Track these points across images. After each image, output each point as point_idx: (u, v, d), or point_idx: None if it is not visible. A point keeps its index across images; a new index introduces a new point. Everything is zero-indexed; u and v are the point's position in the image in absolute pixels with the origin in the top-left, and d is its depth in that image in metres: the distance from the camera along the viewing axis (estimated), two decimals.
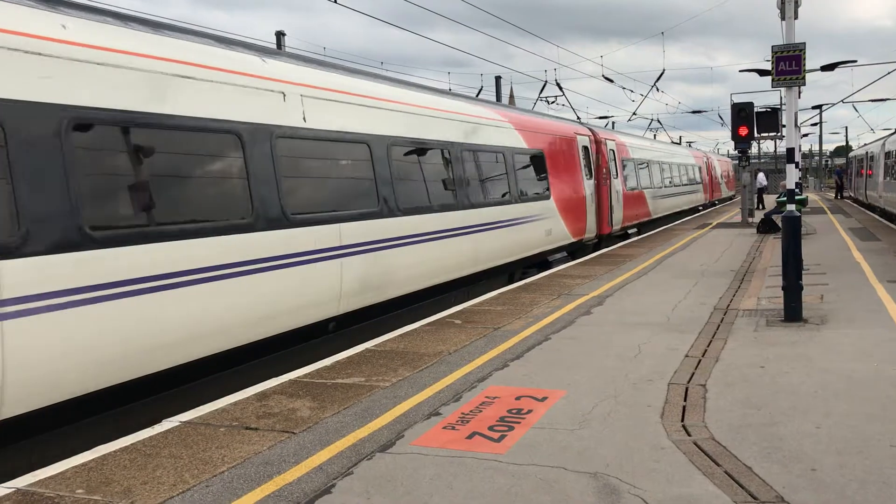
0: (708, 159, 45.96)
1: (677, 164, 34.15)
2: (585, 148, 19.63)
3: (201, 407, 6.53)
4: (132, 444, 5.59)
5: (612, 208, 21.52)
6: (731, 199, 56.34)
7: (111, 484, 4.86)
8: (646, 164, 26.96)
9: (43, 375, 5.70)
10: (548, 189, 16.45)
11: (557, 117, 21.06)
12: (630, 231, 24.70)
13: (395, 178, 10.53)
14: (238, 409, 6.40)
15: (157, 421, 6.21)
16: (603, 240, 21.14)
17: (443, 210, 11.78)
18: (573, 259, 17.75)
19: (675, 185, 32.81)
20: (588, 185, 19.27)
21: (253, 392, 6.94)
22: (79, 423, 6.36)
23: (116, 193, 6.44)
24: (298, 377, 7.44)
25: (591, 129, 21.32)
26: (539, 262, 16.33)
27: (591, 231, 19.53)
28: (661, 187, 29.32)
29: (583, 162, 19.19)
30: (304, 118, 8.76)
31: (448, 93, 14.68)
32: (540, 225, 15.72)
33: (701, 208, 41.03)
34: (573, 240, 18.18)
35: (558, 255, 17.49)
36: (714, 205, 46.68)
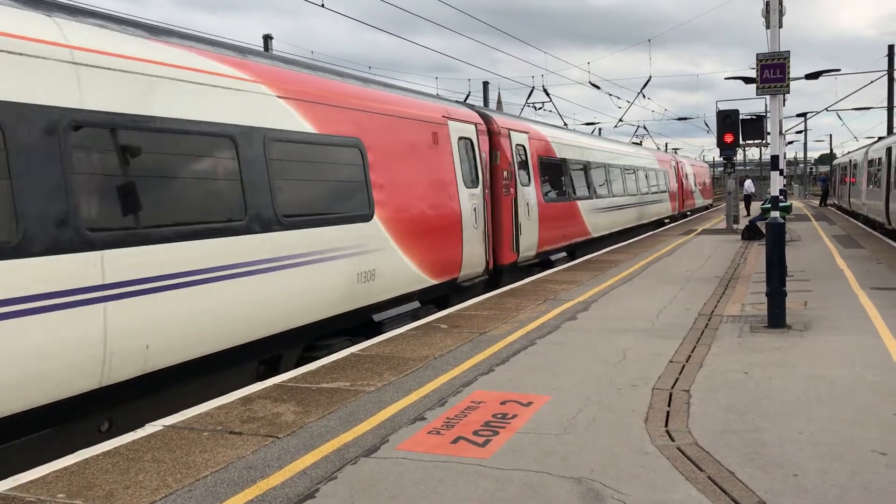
0: (677, 163, 39.98)
1: (632, 169, 28.07)
2: (467, 141, 13.50)
3: (185, 411, 6.49)
4: (115, 449, 5.56)
5: (520, 228, 15.41)
6: (707, 209, 50.82)
7: (93, 488, 4.83)
8: (582, 168, 21.16)
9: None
10: (369, 204, 10.04)
11: (414, 91, 13.11)
12: (555, 258, 18.27)
13: None
14: (222, 414, 6.37)
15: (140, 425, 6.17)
16: (504, 272, 15.15)
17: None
18: (440, 310, 11.74)
19: (627, 195, 26.51)
20: (469, 197, 13.09)
21: (237, 396, 6.92)
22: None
23: None
24: (283, 381, 7.42)
25: (481, 114, 15.08)
26: (362, 323, 10.13)
27: (474, 264, 13.30)
28: (605, 197, 23.16)
29: (460, 162, 12.98)
30: None
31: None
32: (345, 265, 9.43)
33: (667, 221, 35.20)
34: (434, 281, 11.78)
35: (407, 308, 11.09)
36: (686, 216, 40.83)
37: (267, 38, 24.68)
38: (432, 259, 11.64)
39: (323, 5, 15.34)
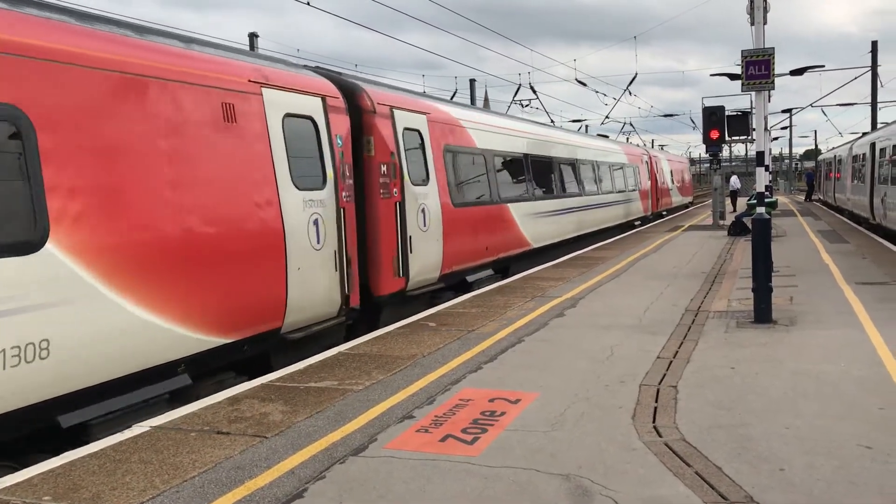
0: (651, 158, 35.68)
1: (591, 163, 23.90)
2: (304, 121, 9.34)
3: (172, 412, 6.46)
4: (101, 450, 5.52)
5: (411, 243, 11.44)
6: (687, 207, 47.10)
7: (79, 490, 4.80)
8: (516, 162, 17.17)
9: None
10: (34, 222, 5.78)
11: (212, 45, 8.66)
12: (474, 278, 14.04)
13: None
14: (209, 414, 6.34)
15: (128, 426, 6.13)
16: (386, 306, 11.13)
17: None
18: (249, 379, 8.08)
19: (585, 194, 22.42)
20: (303, 204, 8.98)
21: (224, 396, 6.89)
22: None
23: None
24: (271, 381, 7.40)
25: (340, 83, 10.79)
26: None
27: (315, 303, 9.14)
28: (551, 198, 19.09)
29: (287, 151, 8.87)
30: None
31: None
32: None
33: (639, 223, 30.97)
34: (221, 339, 7.64)
35: (151, 394, 6.89)
36: (661, 216, 36.82)
37: (252, 37, 24.59)
38: (213, 304, 7.47)
39: (309, 3, 15.29)
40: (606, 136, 35.75)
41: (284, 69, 9.46)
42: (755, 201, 9.98)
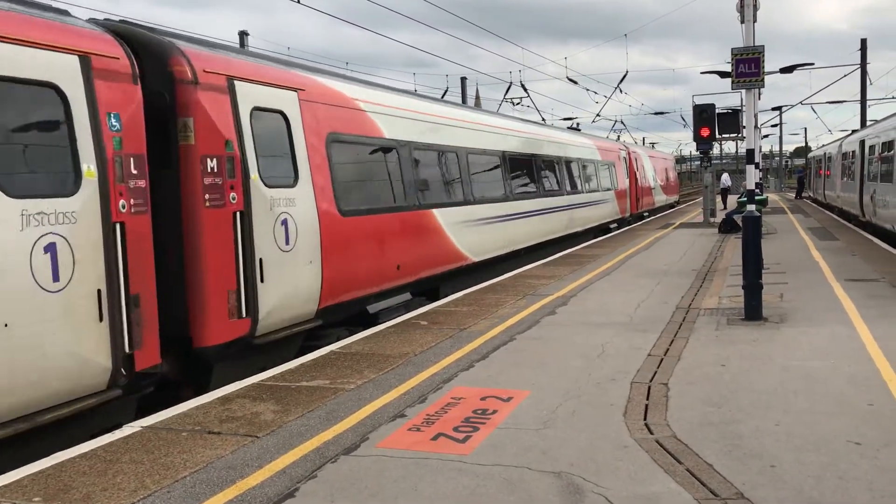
0: (630, 154, 32.66)
1: (552, 160, 20.59)
2: (53, 91, 6.25)
3: (163, 412, 6.45)
4: (92, 451, 5.50)
5: (263, 268, 8.39)
6: (672, 207, 44.45)
7: (70, 491, 4.78)
8: (442, 157, 13.68)
9: None
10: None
11: None
12: (383, 307, 11.06)
13: None
14: (200, 414, 6.32)
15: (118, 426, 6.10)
16: (217, 361, 7.97)
17: None
18: None
19: (543, 195, 19.26)
20: (22, 221, 5.76)
21: (216, 396, 6.87)
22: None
23: None
24: (262, 381, 7.38)
25: (127, 36, 7.50)
26: None
27: (44, 377, 5.86)
28: (496, 200, 15.87)
29: None
30: None
31: None
32: None
33: (614, 226, 27.93)
34: None
35: None
36: (642, 217, 33.88)
37: (243, 35, 24.54)
38: None
39: (299, 1, 15.26)
40: (578, 130, 32.83)
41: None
42: (745, 199, 10.01)
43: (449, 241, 13.32)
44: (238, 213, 8.08)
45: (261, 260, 8.34)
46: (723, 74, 27.24)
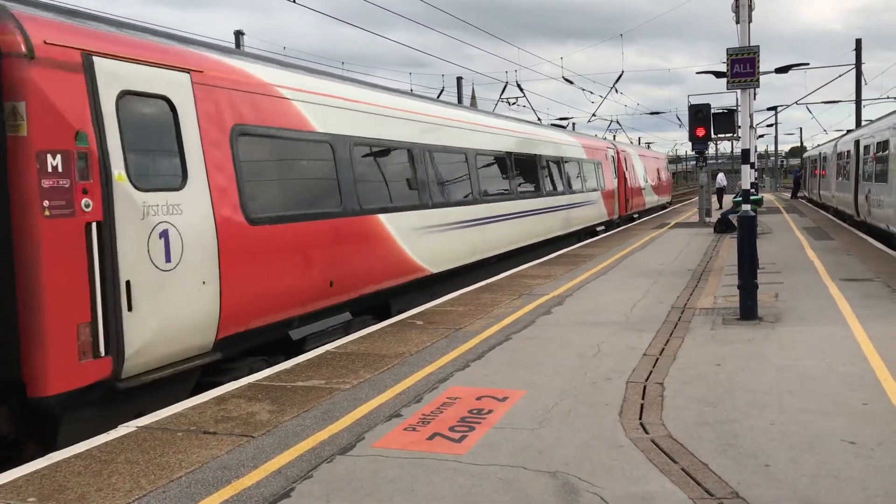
0: (619, 153, 30.74)
1: (524, 157, 18.54)
2: None
3: (158, 412, 6.44)
4: (87, 451, 5.50)
5: (132, 293, 6.66)
6: (664, 207, 42.89)
7: (65, 491, 4.77)
8: (391, 154, 11.96)
9: None
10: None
11: None
12: (304, 334, 9.28)
13: None
14: (196, 414, 6.32)
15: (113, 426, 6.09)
16: (65, 414, 6.23)
17: None
18: None
19: (514, 197, 17.33)
20: None
21: (211, 396, 6.87)
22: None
23: None
24: (258, 380, 7.38)
25: None
26: None
27: None
28: (457, 204, 13.97)
29: None
30: None
31: None
32: None
33: (601, 228, 26.52)
34: None
35: None
36: (632, 219, 32.46)
37: (238, 34, 24.52)
38: None
39: (295, 1, 15.25)
40: (563, 127, 31.03)
41: None
42: (741, 198, 10.03)
43: (400, 250, 11.56)
44: (94, 224, 6.36)
45: (128, 283, 6.59)
46: (718, 74, 27.33)
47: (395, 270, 11.37)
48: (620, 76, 38.49)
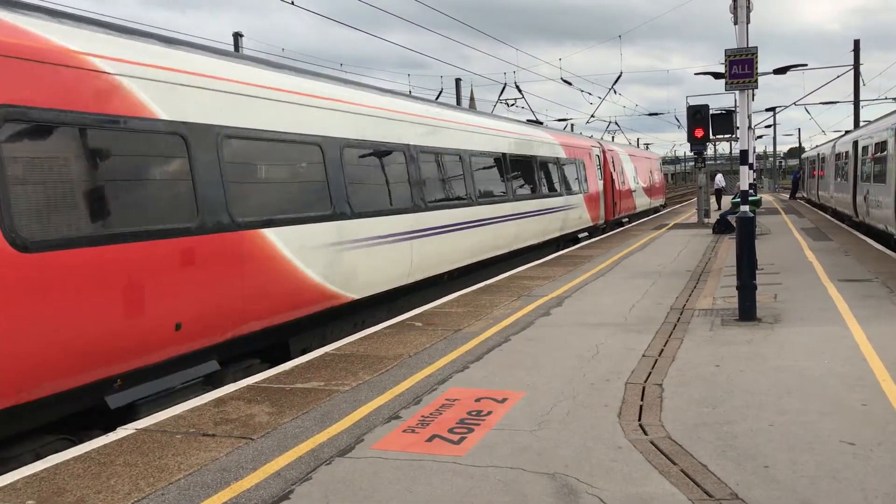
0: (605, 152, 28.12)
1: (479, 156, 15.76)
2: None
3: (157, 414, 6.44)
4: (86, 453, 5.49)
5: None
6: (657, 210, 40.80)
7: (63, 494, 4.77)
8: (289, 150, 9.36)
9: None
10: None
11: None
12: (130, 399, 6.91)
13: None
14: (195, 416, 6.31)
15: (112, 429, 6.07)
16: None
17: None
18: None
19: (467, 203, 14.60)
20: None
21: (210, 398, 6.86)
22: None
23: None
24: (256, 382, 7.37)
25: None
26: None
27: None
28: (390, 213, 11.59)
29: None
30: None
31: None
32: None
33: (584, 235, 24.15)
34: None
35: None
36: (621, 224, 30.43)
37: (237, 36, 24.51)
38: None
39: (293, 2, 15.25)
40: (541, 123, 27.68)
41: None
42: (739, 199, 10.03)
43: (298, 274, 9.08)
44: None
45: None
46: (716, 75, 27.31)
47: (291, 301, 8.94)
48: (619, 77, 38.51)
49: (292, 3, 15.20)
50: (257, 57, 11.16)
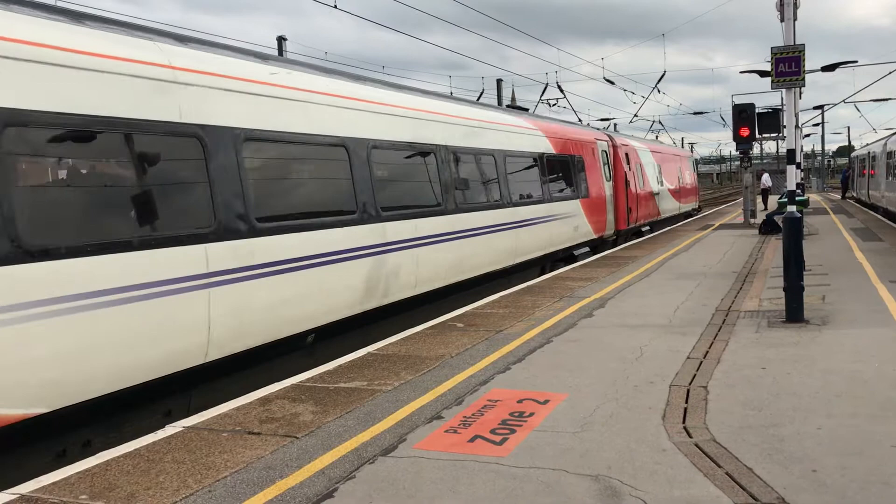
0: (615, 146, 23.34)
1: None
2: None
3: (204, 412, 6.55)
4: (135, 450, 5.62)
5: None
6: (690, 215, 35.38)
7: (115, 489, 4.88)
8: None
9: None
10: None
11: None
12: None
13: None
14: (241, 414, 6.42)
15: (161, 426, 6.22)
16: None
17: None
18: None
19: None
20: None
21: (256, 397, 6.96)
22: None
23: None
24: (301, 382, 7.46)
25: None
26: None
27: None
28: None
29: None
30: None
31: None
32: None
33: (584, 251, 19.28)
34: None
35: None
36: (639, 233, 25.71)
37: (281, 40, 24.82)
38: None
39: (336, 6, 15.39)
40: (525, 110, 22.05)
41: None
42: (786, 199, 9.87)
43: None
44: None
45: None
46: (762, 73, 26.90)
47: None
48: (663, 76, 38.07)
49: (335, 7, 15.34)
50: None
